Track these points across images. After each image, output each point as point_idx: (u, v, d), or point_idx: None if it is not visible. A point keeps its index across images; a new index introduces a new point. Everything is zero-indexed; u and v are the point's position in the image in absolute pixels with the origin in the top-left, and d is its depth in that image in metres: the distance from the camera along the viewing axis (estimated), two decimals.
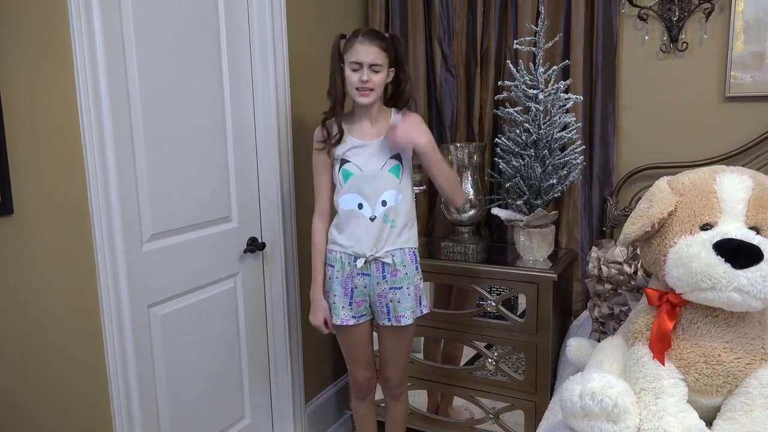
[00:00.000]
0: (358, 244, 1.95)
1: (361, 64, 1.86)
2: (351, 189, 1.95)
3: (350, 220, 1.96)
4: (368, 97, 1.89)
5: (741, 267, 1.30)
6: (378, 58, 1.86)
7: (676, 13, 2.35)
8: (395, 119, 1.95)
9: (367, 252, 1.94)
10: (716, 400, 1.41)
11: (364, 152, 1.95)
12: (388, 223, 1.95)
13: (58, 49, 1.57)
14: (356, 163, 1.94)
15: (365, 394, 2.19)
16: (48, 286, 1.60)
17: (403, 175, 1.97)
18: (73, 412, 1.69)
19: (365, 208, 1.94)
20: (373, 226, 1.94)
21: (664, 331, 1.41)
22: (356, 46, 1.87)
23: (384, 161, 1.94)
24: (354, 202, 1.95)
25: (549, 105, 2.26)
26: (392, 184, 1.94)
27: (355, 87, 1.89)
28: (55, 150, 1.59)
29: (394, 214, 1.95)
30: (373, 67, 1.86)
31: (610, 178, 2.50)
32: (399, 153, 1.95)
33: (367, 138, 1.96)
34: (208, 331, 2.15)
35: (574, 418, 1.37)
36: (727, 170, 1.46)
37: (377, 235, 1.94)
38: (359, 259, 1.95)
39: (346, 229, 1.98)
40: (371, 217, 1.94)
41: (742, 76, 2.29)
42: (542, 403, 2.21)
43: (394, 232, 1.96)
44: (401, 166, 1.96)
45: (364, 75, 1.86)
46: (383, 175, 1.93)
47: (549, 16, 2.43)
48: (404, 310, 1.98)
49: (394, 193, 1.94)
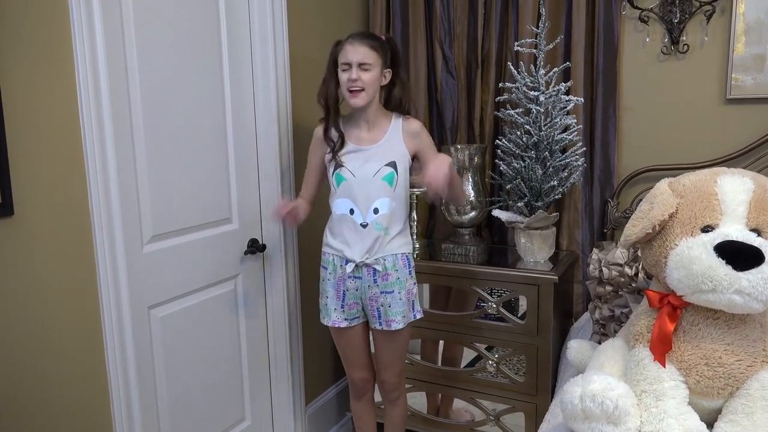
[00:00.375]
0: (348, 248, 1.95)
1: (350, 64, 1.87)
2: (343, 194, 1.95)
3: (342, 225, 1.96)
4: (359, 97, 1.88)
5: (742, 269, 1.29)
6: (367, 56, 1.86)
7: (677, 15, 2.35)
8: (430, 169, 1.82)
9: (357, 258, 1.94)
10: (717, 403, 1.41)
11: (358, 157, 1.94)
12: (380, 231, 1.94)
13: (58, 49, 1.57)
14: (350, 168, 1.94)
15: (362, 393, 2.19)
16: (48, 287, 1.60)
17: (398, 183, 1.95)
18: (73, 413, 1.68)
19: (356, 213, 1.94)
20: (365, 233, 1.93)
21: (665, 333, 1.41)
22: (345, 47, 1.88)
23: (378, 168, 1.92)
24: (346, 207, 1.95)
25: (550, 107, 2.26)
26: (385, 192, 1.93)
27: (346, 88, 1.89)
28: (55, 150, 1.59)
29: (387, 222, 1.94)
30: (362, 66, 1.86)
31: (610, 180, 2.50)
32: (395, 161, 1.94)
33: (363, 144, 1.96)
34: (209, 333, 2.15)
35: (574, 420, 1.36)
36: (728, 172, 1.46)
37: (369, 242, 1.93)
38: (349, 263, 1.95)
39: (338, 233, 1.98)
40: (362, 224, 1.93)
41: (743, 78, 2.29)
42: (543, 405, 2.21)
43: (387, 240, 1.96)
44: (396, 173, 1.94)
45: (353, 74, 1.86)
46: (376, 182, 1.92)
47: (550, 18, 2.43)
48: (395, 315, 1.98)
49: (387, 202, 1.93)
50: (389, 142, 1.96)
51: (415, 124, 1.99)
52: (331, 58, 1.95)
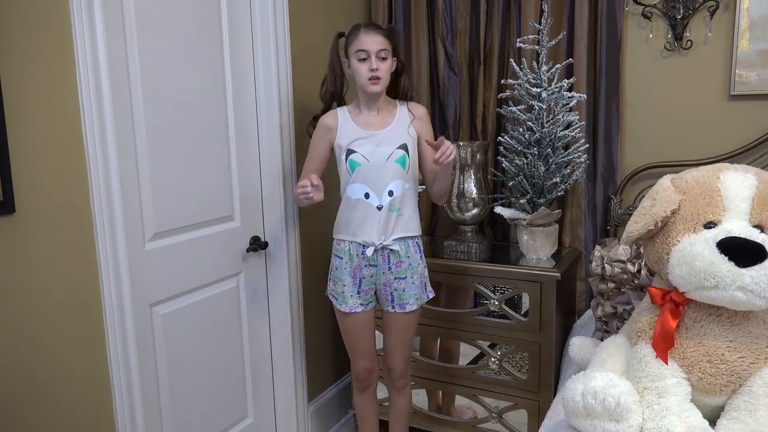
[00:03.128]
0: (366, 232, 1.99)
1: (368, 52, 1.92)
2: (358, 179, 1.99)
3: (357, 210, 2.00)
4: (378, 85, 1.95)
5: (745, 265, 1.29)
6: (383, 44, 1.94)
7: (680, 11, 2.34)
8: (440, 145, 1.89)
9: (375, 240, 1.98)
10: (720, 400, 1.40)
11: (369, 142, 1.99)
12: (394, 212, 1.99)
13: (59, 48, 1.57)
14: (362, 153, 1.98)
15: (366, 386, 2.20)
16: (50, 285, 1.60)
17: (410, 165, 2.01)
18: (75, 411, 1.69)
19: (372, 197, 1.98)
20: (380, 215, 1.98)
21: (667, 329, 1.40)
22: (361, 37, 1.93)
23: (390, 151, 1.97)
24: (361, 191, 1.99)
25: (552, 103, 2.25)
26: (399, 174, 1.98)
27: (366, 77, 1.94)
28: (56, 148, 1.59)
29: (401, 203, 2.00)
30: (380, 53, 1.93)
31: (614, 176, 2.49)
32: (406, 143, 2.00)
33: (372, 128, 2.01)
34: (211, 330, 2.15)
35: (576, 417, 1.36)
36: (731, 168, 1.45)
37: (384, 224, 1.98)
38: (368, 248, 1.98)
39: (354, 219, 2.01)
40: (378, 206, 1.97)
41: (747, 74, 2.28)
42: (545, 403, 2.21)
43: (401, 221, 2.01)
44: (408, 156, 1.99)
45: (373, 64, 1.92)
46: (390, 165, 1.97)
47: (552, 15, 2.42)
48: (409, 298, 2.04)
49: (400, 183, 1.98)
50: (399, 126, 2.03)
51: (421, 109, 2.10)
52: (334, 50, 1.99)
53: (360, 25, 1.98)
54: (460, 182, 2.44)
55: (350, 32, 1.98)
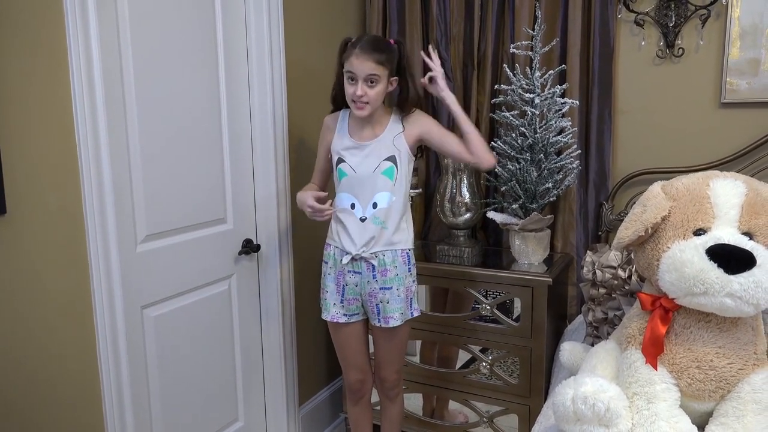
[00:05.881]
0: (347, 241, 1.98)
1: (355, 75, 1.86)
2: (345, 189, 1.99)
3: (344, 219, 1.99)
4: (364, 110, 1.89)
5: (734, 272, 1.30)
6: (374, 71, 1.85)
7: (672, 19, 2.36)
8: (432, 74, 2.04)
9: (353, 250, 1.96)
10: (708, 405, 1.41)
11: (358, 153, 1.97)
12: (378, 225, 1.95)
13: (53, 49, 1.57)
14: (350, 163, 1.97)
15: (358, 397, 2.19)
16: (41, 286, 1.59)
17: (398, 177, 1.97)
18: (64, 412, 1.68)
19: (357, 208, 1.97)
20: (363, 227, 1.96)
21: (657, 335, 1.41)
22: (351, 58, 1.86)
23: (377, 163, 1.95)
24: (348, 201, 1.98)
25: (545, 109, 2.26)
26: (386, 187, 1.95)
27: (351, 99, 1.90)
28: (49, 149, 1.58)
29: (385, 216, 1.96)
30: (370, 77, 1.85)
31: (605, 182, 2.51)
32: (394, 155, 1.96)
33: (364, 140, 1.98)
34: (202, 333, 2.14)
35: (566, 422, 1.36)
36: (721, 175, 1.46)
37: (367, 236, 1.96)
38: (346, 255, 1.97)
39: (340, 227, 2.00)
40: (361, 218, 1.96)
41: (737, 82, 2.30)
42: (536, 407, 2.21)
43: (385, 234, 1.97)
44: (396, 168, 1.96)
45: (359, 90, 1.85)
46: (376, 177, 1.95)
47: (546, 21, 2.44)
48: (393, 312, 1.99)
49: (387, 196, 1.95)
50: (388, 137, 1.97)
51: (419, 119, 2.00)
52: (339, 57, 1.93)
53: (358, 42, 1.87)
54: (452, 187, 2.45)
55: (349, 46, 1.89)
